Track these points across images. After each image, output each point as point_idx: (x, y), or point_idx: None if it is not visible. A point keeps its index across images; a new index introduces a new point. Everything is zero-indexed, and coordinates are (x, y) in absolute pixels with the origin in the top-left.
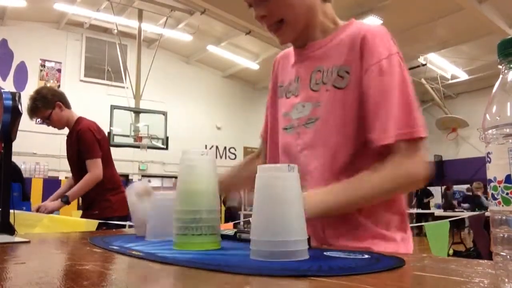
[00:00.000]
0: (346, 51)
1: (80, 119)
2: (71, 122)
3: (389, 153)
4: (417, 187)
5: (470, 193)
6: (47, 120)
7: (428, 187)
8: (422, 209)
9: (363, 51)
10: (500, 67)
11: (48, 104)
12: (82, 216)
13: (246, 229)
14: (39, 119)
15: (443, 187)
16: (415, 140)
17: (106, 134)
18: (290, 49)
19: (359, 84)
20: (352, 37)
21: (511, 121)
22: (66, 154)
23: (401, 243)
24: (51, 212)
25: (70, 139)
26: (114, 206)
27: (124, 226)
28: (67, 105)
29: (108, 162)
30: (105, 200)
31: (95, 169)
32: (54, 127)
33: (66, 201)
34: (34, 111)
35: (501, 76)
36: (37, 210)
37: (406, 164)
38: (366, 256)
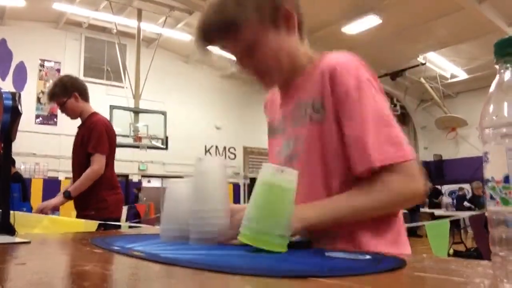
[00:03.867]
0: (318, 86)
1: (95, 114)
2: (85, 114)
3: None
4: (407, 206)
5: (461, 193)
6: (62, 107)
7: (436, 186)
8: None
9: (332, 84)
10: (497, 66)
11: (65, 92)
12: (77, 216)
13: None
14: (55, 105)
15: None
16: (398, 164)
17: None
18: (276, 89)
19: (335, 116)
20: (322, 72)
21: (509, 121)
22: (71, 149)
23: (394, 245)
24: (55, 207)
25: (80, 130)
26: (111, 208)
27: (119, 226)
28: (84, 98)
29: (111, 162)
30: (101, 200)
31: (98, 164)
32: (67, 115)
33: (68, 196)
34: (51, 96)
35: (497, 75)
36: (41, 212)
37: (392, 184)
38: (368, 257)
